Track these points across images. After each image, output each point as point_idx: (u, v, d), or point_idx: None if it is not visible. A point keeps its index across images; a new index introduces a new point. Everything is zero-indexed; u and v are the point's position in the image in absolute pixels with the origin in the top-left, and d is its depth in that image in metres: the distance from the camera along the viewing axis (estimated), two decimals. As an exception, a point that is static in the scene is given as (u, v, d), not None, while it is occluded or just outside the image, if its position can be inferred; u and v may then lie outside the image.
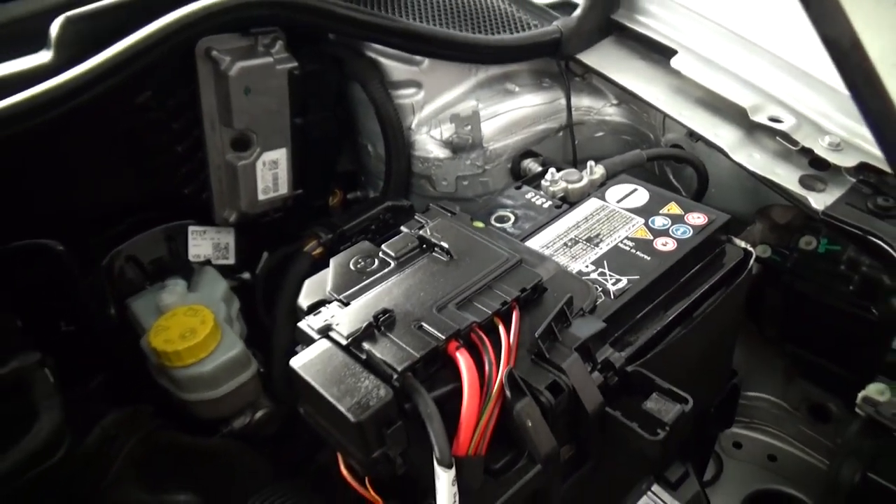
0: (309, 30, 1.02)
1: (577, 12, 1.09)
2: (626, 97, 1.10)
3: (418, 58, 1.04)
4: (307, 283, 0.73)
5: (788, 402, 1.10)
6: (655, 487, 0.89)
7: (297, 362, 0.62)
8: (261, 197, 1.09)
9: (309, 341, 0.66)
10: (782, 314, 0.95)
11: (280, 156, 1.07)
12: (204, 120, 1.00)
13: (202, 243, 1.11)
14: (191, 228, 1.11)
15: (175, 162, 1.03)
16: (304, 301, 0.71)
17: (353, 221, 0.98)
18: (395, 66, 1.05)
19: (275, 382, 0.92)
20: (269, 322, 0.96)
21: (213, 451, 0.83)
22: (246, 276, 1.14)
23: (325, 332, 0.65)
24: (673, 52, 1.01)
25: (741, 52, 0.98)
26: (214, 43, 0.94)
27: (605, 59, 1.09)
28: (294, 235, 1.09)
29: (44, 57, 0.82)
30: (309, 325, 0.67)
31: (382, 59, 1.05)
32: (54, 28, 0.83)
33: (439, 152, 1.08)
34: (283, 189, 1.10)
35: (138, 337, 0.94)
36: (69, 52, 0.82)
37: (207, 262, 1.10)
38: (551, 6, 1.16)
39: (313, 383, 0.60)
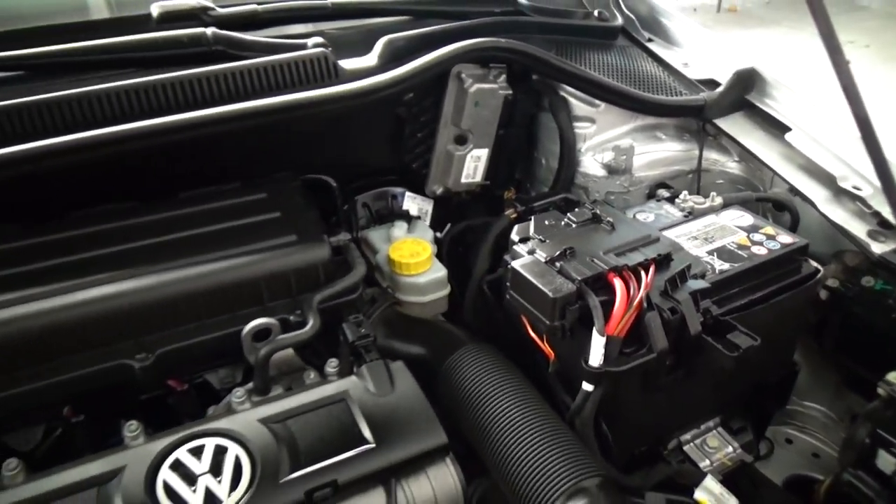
0: (525, 70, 1.44)
1: (720, 89, 1.47)
2: (747, 156, 1.45)
3: (598, 101, 1.44)
4: (517, 227, 1.13)
5: (835, 413, 1.39)
6: (720, 429, 1.22)
7: (516, 264, 1.02)
8: (462, 180, 1.51)
9: (519, 257, 1.06)
10: (840, 331, 1.27)
11: (483, 154, 1.50)
12: (441, 118, 1.44)
13: (412, 205, 1.54)
14: (408, 193, 1.54)
15: (414, 143, 1.47)
16: (515, 236, 1.11)
17: (537, 202, 1.38)
18: (579, 105, 1.46)
19: (466, 301, 1.32)
20: (471, 261, 1.35)
21: (430, 321, 1.23)
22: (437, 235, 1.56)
23: (531, 252, 1.05)
24: (787, 129, 1.37)
25: (837, 133, 1.32)
26: (464, 69, 1.38)
27: (736, 126, 1.46)
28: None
29: (370, 61, 1.28)
30: (520, 249, 1.07)
31: (571, 99, 1.46)
32: (379, 45, 1.29)
33: (598, 172, 1.47)
34: (479, 178, 1.52)
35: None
36: (384, 60, 1.28)
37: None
38: (700, 81, 1.53)
39: (526, 274, 1.00)
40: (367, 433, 0.89)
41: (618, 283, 0.98)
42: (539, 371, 1.10)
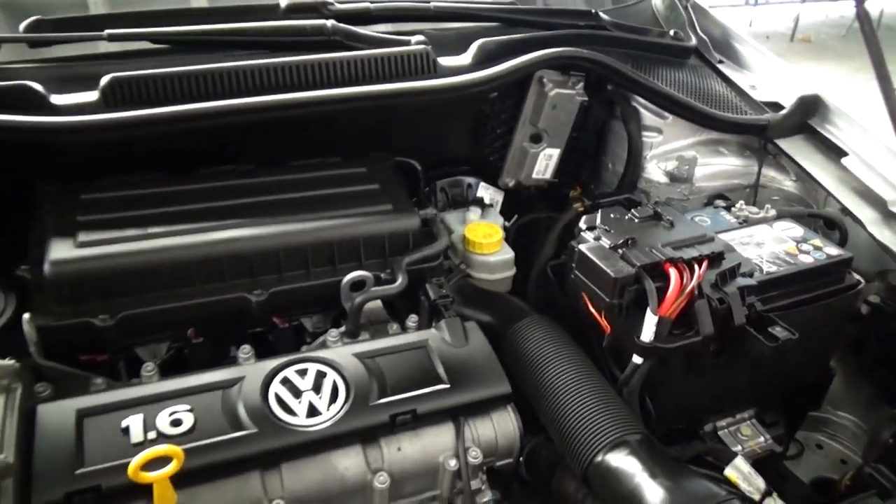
0: (602, 80, 1.57)
1: (784, 111, 1.57)
2: (803, 176, 1.55)
3: (667, 114, 1.56)
4: (586, 217, 1.26)
5: (867, 424, 1.48)
6: (754, 420, 1.33)
7: (583, 247, 1.16)
8: (534, 175, 1.65)
9: (585, 243, 1.19)
10: (878, 345, 1.36)
11: (555, 153, 1.63)
12: (520, 117, 1.58)
13: (485, 194, 1.68)
14: (482, 183, 1.69)
15: (493, 138, 1.61)
16: (583, 224, 1.24)
17: (603, 200, 1.50)
18: (649, 115, 1.58)
19: (529, 282, 1.46)
20: (535, 249, 1.49)
21: (499, 294, 1.38)
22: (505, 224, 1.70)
23: (597, 239, 1.19)
24: (844, 154, 1.46)
25: (892, 161, 1.41)
26: (546, 74, 1.52)
27: (795, 147, 1.56)
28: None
29: (464, 60, 1.43)
30: (586, 235, 1.21)
31: (642, 109, 1.58)
32: (473, 46, 1.44)
33: (661, 178, 1.59)
34: (549, 175, 1.66)
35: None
36: (477, 60, 1.43)
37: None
38: (766, 103, 1.64)
39: (592, 256, 1.13)
40: (443, 375, 1.04)
41: (673, 272, 1.10)
42: (590, 348, 1.23)
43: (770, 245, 1.27)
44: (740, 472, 1.13)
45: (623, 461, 0.95)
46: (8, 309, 1.06)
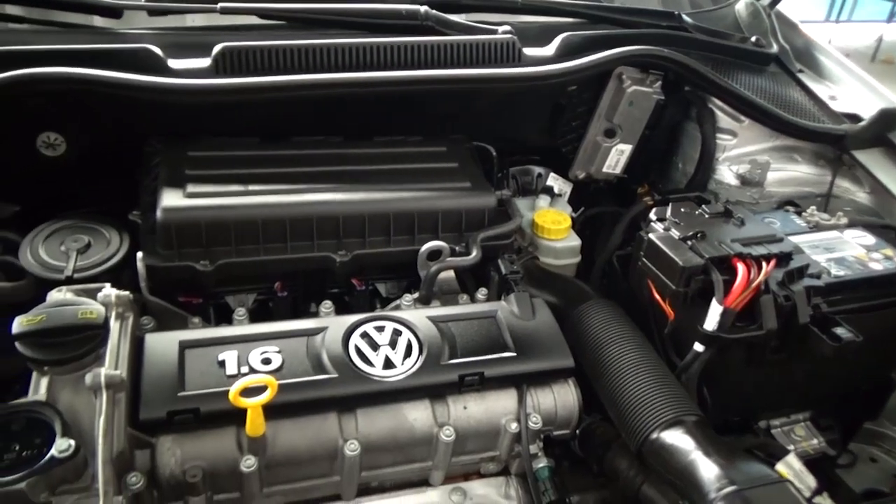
0: (680, 80, 1.60)
1: (863, 123, 1.57)
2: (879, 189, 1.54)
3: (743, 117, 1.58)
4: (656, 209, 1.30)
5: (926, 442, 1.47)
6: (809, 423, 1.34)
7: (653, 236, 1.20)
8: (604, 169, 1.69)
9: (654, 231, 1.23)
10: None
11: (627, 149, 1.66)
12: (596, 111, 1.62)
13: (554, 184, 1.73)
14: (552, 173, 1.74)
15: (567, 130, 1.66)
16: (653, 216, 1.28)
17: (674, 195, 1.54)
18: (724, 118, 1.60)
19: (594, 269, 1.51)
20: (599, 241, 1.54)
21: (565, 276, 1.44)
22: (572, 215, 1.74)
23: (666, 230, 1.22)
24: (924, 171, 1.46)
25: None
26: (625, 70, 1.56)
27: (872, 160, 1.55)
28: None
29: (548, 51, 1.48)
30: (656, 226, 1.25)
31: (718, 111, 1.60)
32: (557, 39, 1.49)
33: (732, 181, 1.61)
34: (619, 170, 1.70)
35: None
36: (560, 53, 1.48)
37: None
38: (844, 114, 1.63)
39: (661, 244, 1.17)
40: (510, 343, 1.10)
41: (741, 266, 1.13)
42: (651, 335, 1.27)
43: (839, 250, 1.28)
44: (792, 468, 1.16)
45: (678, 439, 0.99)
46: (122, 248, 1.17)
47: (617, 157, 1.68)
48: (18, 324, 0.90)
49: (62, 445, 0.82)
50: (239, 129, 1.36)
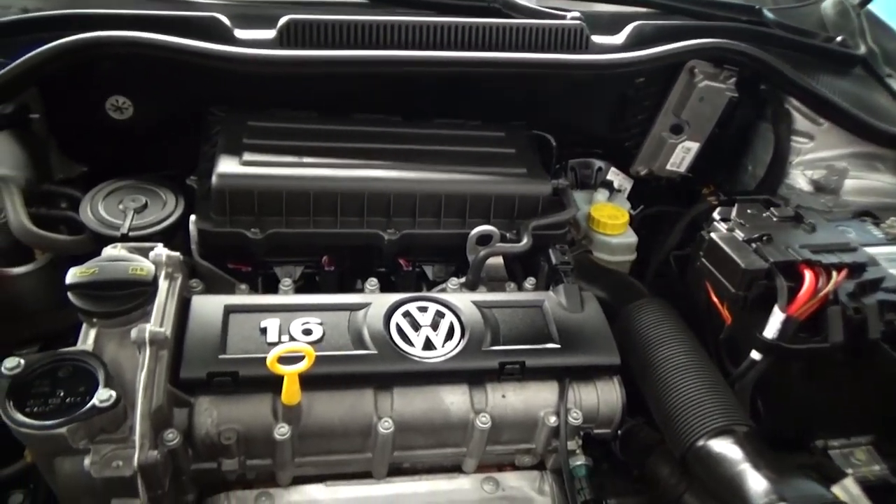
0: (756, 78, 1.52)
1: (959, 139, 1.46)
2: (969, 208, 1.43)
3: (821, 120, 1.49)
4: (721, 208, 1.24)
5: None
6: (871, 447, 1.25)
7: (715, 235, 1.14)
8: (667, 167, 1.62)
9: (717, 231, 1.17)
10: None
11: (694, 147, 1.59)
12: (663, 105, 1.56)
13: (615, 178, 1.67)
14: (612, 168, 1.68)
15: (632, 124, 1.60)
16: (717, 215, 1.22)
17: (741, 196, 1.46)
18: (801, 120, 1.51)
19: (649, 268, 1.45)
20: (656, 241, 1.48)
21: (617, 272, 1.39)
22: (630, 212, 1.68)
23: (730, 230, 1.16)
24: None
25: None
26: (698, 64, 1.49)
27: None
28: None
29: (617, 40, 1.43)
30: (719, 225, 1.19)
31: (795, 112, 1.52)
32: (628, 28, 1.44)
33: (804, 187, 1.52)
34: (683, 168, 1.62)
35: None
36: (630, 42, 1.43)
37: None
38: (937, 124, 1.52)
39: (723, 245, 1.12)
40: (554, 335, 1.07)
41: (808, 273, 1.07)
42: (704, 340, 1.21)
43: (920, 266, 1.19)
44: (849, 493, 1.08)
45: (726, 448, 0.94)
46: (177, 211, 1.19)
47: (682, 154, 1.61)
48: (72, 275, 0.92)
49: (103, 395, 0.84)
50: (299, 103, 1.37)
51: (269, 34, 1.28)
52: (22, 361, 0.85)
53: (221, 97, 1.35)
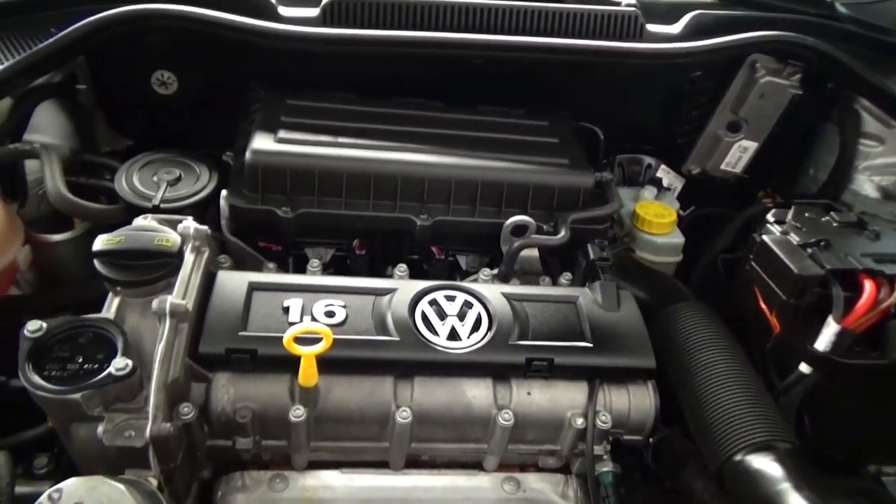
0: (823, 75, 1.42)
1: None
2: None
3: (895, 122, 1.39)
4: (776, 210, 1.16)
5: None
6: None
7: (767, 238, 1.07)
8: (722, 166, 1.54)
9: (769, 233, 1.10)
10: None
11: (751, 146, 1.51)
12: (721, 101, 1.47)
13: (665, 177, 1.60)
14: (663, 165, 1.61)
15: (686, 120, 1.52)
16: (771, 217, 1.14)
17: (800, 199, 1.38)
18: (872, 122, 1.41)
19: (696, 270, 1.38)
20: (705, 245, 1.40)
21: (660, 272, 1.32)
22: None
23: (784, 234, 1.09)
24: None
25: None
26: (760, 59, 1.40)
27: None
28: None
29: (674, 29, 1.37)
30: (773, 228, 1.11)
31: (864, 114, 1.42)
32: (686, 17, 1.37)
33: (871, 193, 1.42)
34: (739, 169, 1.54)
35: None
36: (688, 32, 1.36)
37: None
38: None
39: (775, 248, 1.04)
40: (587, 333, 1.01)
41: (868, 284, 0.98)
42: (749, 350, 1.13)
43: None
44: (902, 524, 1.00)
45: (766, 465, 0.87)
46: (210, 185, 1.19)
47: (739, 154, 1.52)
48: (98, 242, 0.92)
49: (120, 364, 0.83)
50: (340, 85, 1.35)
51: (313, 12, 1.27)
52: (44, 325, 0.85)
53: (264, 75, 1.35)
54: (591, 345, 1.00)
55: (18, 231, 1.11)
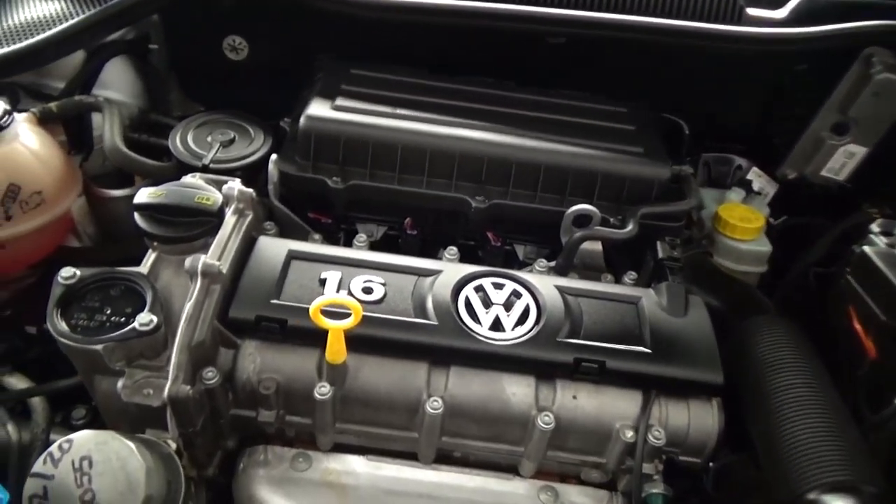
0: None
1: None
2: None
3: None
4: (882, 220, 1.04)
5: None
6: None
7: (869, 250, 0.94)
8: (822, 172, 1.38)
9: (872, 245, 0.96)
10: None
11: (859, 152, 1.34)
12: (827, 99, 1.32)
13: (756, 180, 1.45)
14: (754, 168, 1.46)
15: (785, 118, 1.38)
16: (876, 227, 1.00)
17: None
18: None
19: (784, 282, 1.24)
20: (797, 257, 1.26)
21: (740, 280, 1.20)
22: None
23: (891, 246, 0.94)
24: None
25: None
26: (878, 52, 1.24)
27: None
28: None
29: (780, 13, 1.23)
30: (877, 239, 0.97)
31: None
32: (794, 2, 1.23)
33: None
34: (842, 177, 1.38)
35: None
36: (796, 16, 1.22)
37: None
38: None
39: (878, 262, 0.91)
40: (646, 338, 0.91)
41: None
42: (839, 376, 0.99)
43: None
44: None
45: (845, 509, 0.75)
46: (262, 149, 1.16)
47: (843, 160, 1.36)
48: (140, 195, 0.90)
49: (144, 319, 0.80)
50: (411, 59, 1.29)
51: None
52: (78, 273, 0.84)
53: (333, 45, 1.31)
54: (649, 351, 0.90)
55: (76, 182, 1.12)
